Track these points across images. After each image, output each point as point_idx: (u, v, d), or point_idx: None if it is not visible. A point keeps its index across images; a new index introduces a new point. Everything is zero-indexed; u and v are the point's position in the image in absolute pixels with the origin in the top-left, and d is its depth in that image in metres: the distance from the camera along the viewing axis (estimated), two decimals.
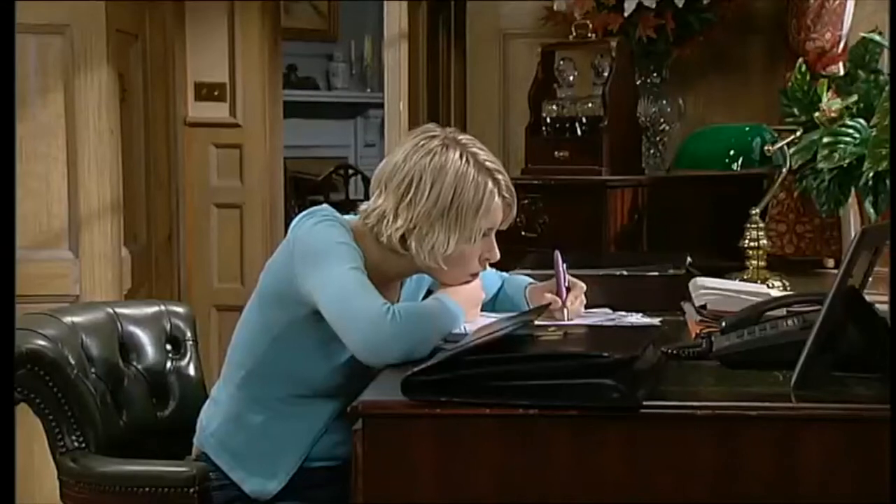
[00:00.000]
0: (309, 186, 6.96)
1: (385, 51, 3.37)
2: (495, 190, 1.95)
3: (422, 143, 1.96)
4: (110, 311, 2.26)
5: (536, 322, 1.88)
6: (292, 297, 1.95)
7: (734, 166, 2.52)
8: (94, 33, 3.37)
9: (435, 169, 1.91)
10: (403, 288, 2.12)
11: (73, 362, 2.04)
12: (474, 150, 1.97)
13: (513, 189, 1.99)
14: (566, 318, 2.04)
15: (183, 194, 4.18)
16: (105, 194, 3.44)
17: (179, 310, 2.37)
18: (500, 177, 1.97)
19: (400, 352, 1.80)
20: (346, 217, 2.04)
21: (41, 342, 2.01)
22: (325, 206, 2.05)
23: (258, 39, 4.93)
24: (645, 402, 1.52)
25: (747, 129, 2.58)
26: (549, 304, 2.05)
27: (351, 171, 7.30)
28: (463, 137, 1.99)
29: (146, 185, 3.78)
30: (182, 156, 4.04)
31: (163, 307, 2.35)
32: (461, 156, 1.94)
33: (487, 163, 1.96)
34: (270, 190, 5.21)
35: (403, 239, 1.93)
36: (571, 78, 3.24)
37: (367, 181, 7.22)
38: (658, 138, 3.28)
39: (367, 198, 2.04)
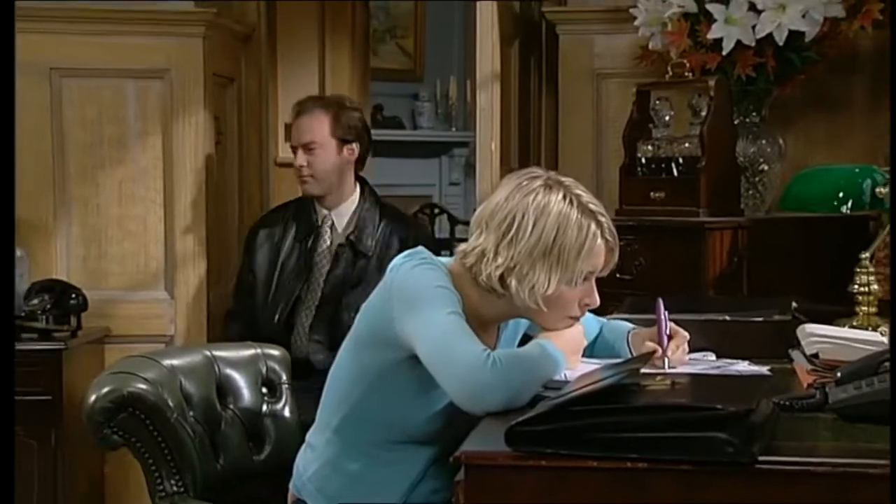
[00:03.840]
0: None
1: (478, 91, 3.35)
2: (598, 232, 1.91)
3: (524, 183, 1.93)
4: (207, 353, 2.27)
5: (642, 371, 1.83)
6: (389, 341, 1.93)
7: (843, 208, 2.44)
8: (193, 77, 3.43)
9: (537, 208, 1.89)
10: (501, 333, 2.08)
11: (172, 405, 2.05)
12: (577, 191, 1.94)
13: (615, 233, 1.95)
14: (668, 367, 1.98)
15: None
16: (200, 235, 3.48)
17: (275, 353, 2.37)
18: (602, 219, 1.93)
19: (501, 399, 1.77)
20: (444, 259, 2.02)
21: (142, 385, 2.02)
22: (421, 248, 2.03)
23: (348, 80, 4.99)
24: (760, 458, 1.46)
25: (857, 170, 2.50)
26: (654, 351, 1.99)
27: (437, 210, 7.31)
28: (566, 179, 1.96)
29: (238, 227, 3.82)
30: (272, 196, 4.08)
31: (259, 350, 2.35)
32: (564, 196, 1.91)
33: (590, 205, 1.93)
34: None
35: (503, 278, 1.90)
36: (668, 117, 3.18)
37: (452, 220, 7.22)
38: (757, 178, 3.20)
39: (452, 236, 2.01)
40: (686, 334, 2.05)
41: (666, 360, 1.99)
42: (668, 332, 2.02)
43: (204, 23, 3.44)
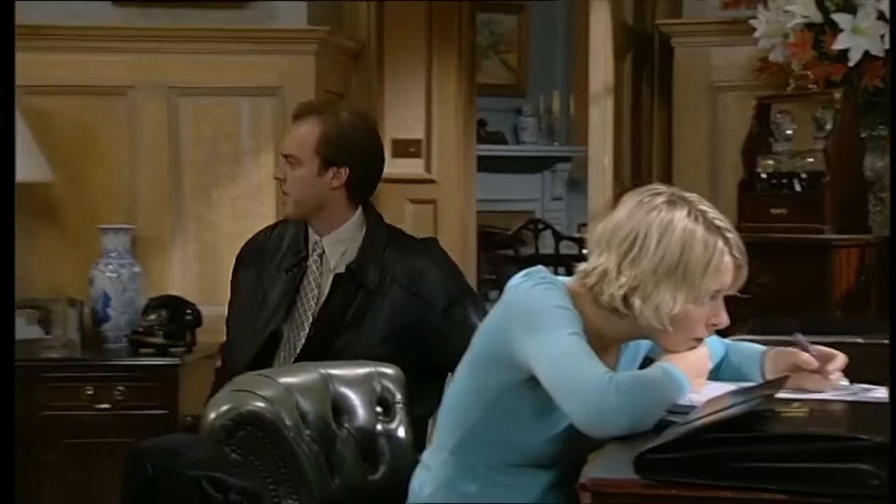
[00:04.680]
0: (499, 241, 6.95)
1: (590, 105, 3.30)
2: (726, 249, 1.84)
3: (646, 200, 1.88)
4: (323, 371, 2.25)
5: (775, 396, 1.75)
6: (508, 362, 1.89)
7: None
8: (304, 94, 3.45)
9: (661, 225, 1.83)
10: (621, 355, 2.02)
11: (289, 424, 2.04)
12: (702, 207, 1.87)
13: (744, 249, 1.87)
14: (824, 389, 1.89)
15: None
16: None
17: (389, 371, 2.35)
18: (730, 236, 1.86)
19: (625, 424, 1.72)
20: (563, 279, 1.97)
21: (259, 404, 2.02)
22: (540, 267, 1.99)
23: (454, 96, 4.99)
24: None
25: None
26: (789, 376, 1.91)
27: (541, 226, 7.25)
28: (690, 195, 1.90)
29: None
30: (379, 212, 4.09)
31: (373, 368, 2.33)
32: (689, 213, 1.85)
33: (717, 221, 1.86)
34: (463, 245, 5.24)
35: (626, 298, 1.85)
36: (790, 131, 3.09)
37: (557, 236, 7.15)
38: (885, 194, 3.08)
39: (557, 252, 1.96)
40: (844, 356, 1.96)
41: (823, 379, 1.90)
42: (815, 353, 1.94)
43: (316, 40, 3.47)
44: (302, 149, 2.52)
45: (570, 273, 1.96)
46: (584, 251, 6.81)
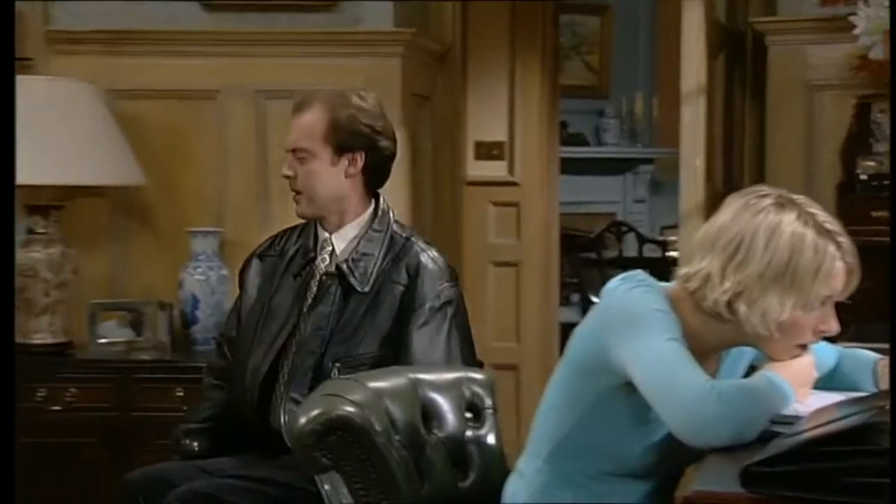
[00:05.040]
0: (581, 243, 6.88)
1: (682, 105, 3.23)
2: (837, 254, 1.78)
3: (752, 202, 1.82)
4: (412, 376, 2.22)
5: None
6: (603, 367, 1.84)
7: None
8: (390, 97, 3.43)
9: (768, 228, 1.77)
10: (722, 362, 1.96)
11: (379, 429, 2.02)
12: (812, 210, 1.81)
13: (856, 253, 1.80)
14: None
15: (462, 253, 4.19)
16: None
17: (479, 376, 2.31)
18: (841, 240, 1.79)
19: (728, 433, 1.66)
20: (663, 284, 1.91)
21: (349, 408, 2.00)
22: (639, 271, 1.94)
23: (537, 98, 4.95)
24: None
25: None
26: None
27: (624, 228, 7.15)
28: (798, 197, 1.83)
29: None
30: (464, 218, 4.06)
31: (463, 373, 2.30)
32: (798, 216, 1.79)
33: (827, 224, 1.80)
34: (546, 248, 5.18)
35: (731, 304, 1.79)
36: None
37: (640, 238, 7.05)
38: None
39: (640, 255, 1.91)
40: None
41: None
42: None
43: (403, 43, 3.45)
44: (311, 139, 2.33)
45: (653, 276, 1.91)
46: (668, 254, 6.71)
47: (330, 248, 2.39)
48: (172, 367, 3.15)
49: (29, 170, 3.09)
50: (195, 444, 2.45)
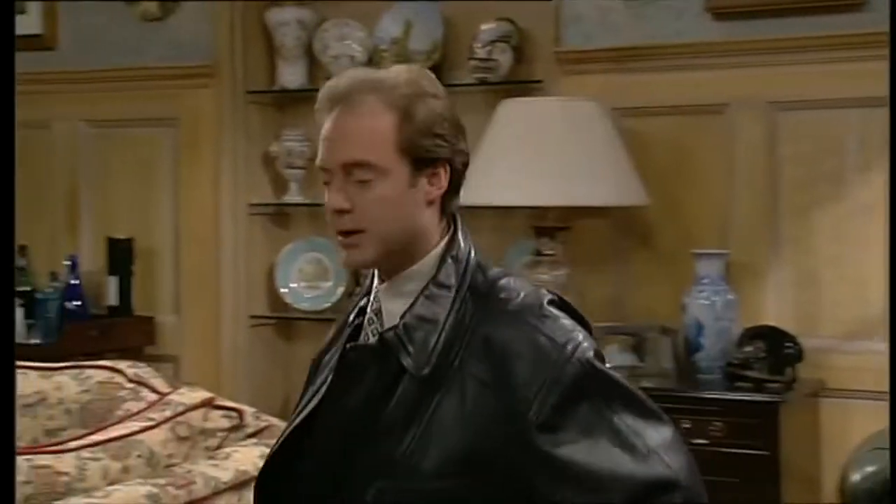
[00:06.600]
0: None
1: None
2: None
3: None
4: None
5: None
6: None
7: None
8: None
9: None
10: None
11: None
12: None
13: None
14: None
15: None
16: None
17: None
18: None
19: None
20: None
21: None
22: None
23: None
24: None
25: None
26: None
27: None
28: None
29: None
30: None
31: None
32: None
33: None
34: None
35: None
36: None
37: None
38: None
39: None
40: None
41: None
42: None
43: None
44: (377, 150, 1.47)
45: None
46: None
47: (377, 306, 1.55)
48: (676, 397, 3.00)
49: (537, 191, 3.11)
50: None
